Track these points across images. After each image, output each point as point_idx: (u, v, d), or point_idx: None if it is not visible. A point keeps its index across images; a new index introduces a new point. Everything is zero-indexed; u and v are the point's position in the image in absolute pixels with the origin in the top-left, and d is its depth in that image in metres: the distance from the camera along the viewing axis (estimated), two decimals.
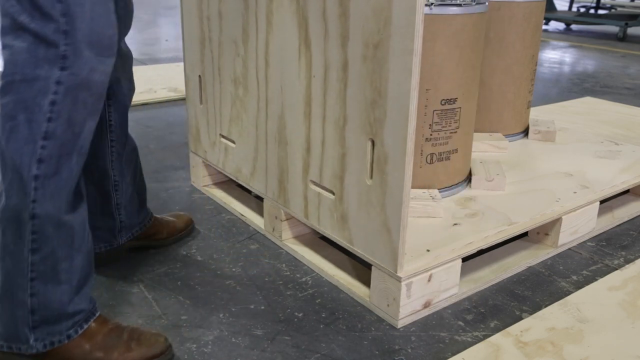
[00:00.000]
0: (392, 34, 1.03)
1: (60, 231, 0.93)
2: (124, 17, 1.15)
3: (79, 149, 0.93)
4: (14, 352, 0.94)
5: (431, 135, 1.43)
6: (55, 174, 0.90)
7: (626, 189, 1.64)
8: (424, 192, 1.42)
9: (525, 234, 1.48)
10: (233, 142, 1.58)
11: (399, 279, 1.13)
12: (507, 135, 1.88)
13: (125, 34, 1.19)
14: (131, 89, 1.25)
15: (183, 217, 1.50)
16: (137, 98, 2.77)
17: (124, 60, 1.22)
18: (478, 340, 1.12)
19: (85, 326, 0.98)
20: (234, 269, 1.35)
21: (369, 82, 1.10)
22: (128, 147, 1.28)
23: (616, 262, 1.44)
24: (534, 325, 1.14)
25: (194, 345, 1.09)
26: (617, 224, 1.63)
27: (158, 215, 1.46)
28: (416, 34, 0.99)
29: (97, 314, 1.01)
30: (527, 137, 1.96)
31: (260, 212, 1.60)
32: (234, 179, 1.64)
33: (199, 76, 1.66)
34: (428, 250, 1.21)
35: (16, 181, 0.88)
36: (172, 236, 1.44)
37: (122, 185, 1.27)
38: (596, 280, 1.33)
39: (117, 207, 1.28)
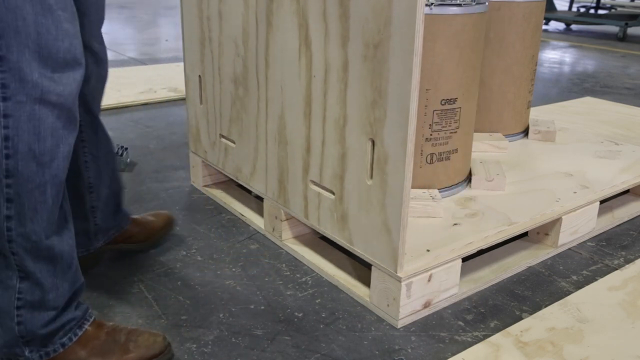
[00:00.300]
0: (393, 34, 1.03)
1: (44, 263, 0.90)
2: (89, 12, 1.05)
3: (52, 179, 0.86)
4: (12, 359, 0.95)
5: (431, 135, 1.43)
6: (28, 210, 0.85)
7: (626, 189, 1.64)
8: (424, 192, 1.42)
9: (525, 234, 1.48)
10: (233, 142, 1.58)
11: (399, 279, 1.13)
12: (507, 135, 1.88)
13: (96, 30, 1.09)
14: (101, 89, 1.18)
15: (162, 215, 1.45)
16: (137, 98, 2.77)
17: (96, 59, 1.13)
18: (478, 340, 1.12)
19: (80, 332, 0.98)
20: (234, 269, 1.35)
21: (369, 82, 1.10)
22: (103, 148, 1.22)
23: (616, 262, 1.44)
24: (534, 325, 1.14)
25: (194, 345, 1.09)
26: (617, 224, 1.64)
27: (137, 216, 1.42)
28: (416, 34, 0.99)
29: (92, 319, 1.01)
30: (527, 137, 1.96)
31: (260, 212, 1.60)
32: (234, 179, 1.64)
33: (199, 76, 1.66)
34: (428, 250, 1.21)
35: None
36: (152, 237, 1.40)
37: (97, 187, 1.23)
38: (596, 280, 1.33)
39: (92, 210, 1.24)
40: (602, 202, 1.57)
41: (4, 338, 0.93)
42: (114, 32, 5.01)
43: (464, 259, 1.24)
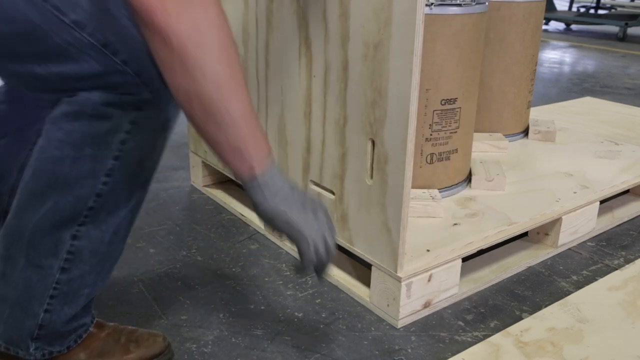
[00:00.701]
0: (393, 34, 1.03)
1: (96, 259, 0.90)
2: None
3: (143, 184, 0.88)
4: (11, 353, 0.94)
5: (431, 135, 1.43)
6: (111, 207, 0.85)
7: (626, 189, 1.64)
8: (424, 192, 1.42)
9: (525, 234, 1.48)
10: None
11: (399, 279, 1.13)
12: (507, 135, 1.88)
13: None
14: None
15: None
16: None
17: None
18: (478, 340, 1.12)
19: (84, 335, 0.97)
20: (234, 269, 1.35)
21: (370, 82, 1.10)
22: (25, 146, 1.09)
23: (616, 262, 1.44)
24: (534, 325, 1.14)
25: (194, 345, 1.09)
26: (617, 224, 1.64)
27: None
28: (416, 34, 0.99)
29: (95, 321, 1.00)
30: (527, 137, 1.96)
31: None
32: (234, 179, 1.64)
33: None
34: (428, 250, 1.21)
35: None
36: None
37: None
38: (596, 280, 1.33)
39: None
40: (602, 202, 1.57)
41: (12, 330, 0.92)
42: None
43: (464, 259, 1.24)
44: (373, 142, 1.13)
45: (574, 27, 6.76)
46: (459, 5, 1.36)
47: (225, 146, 0.74)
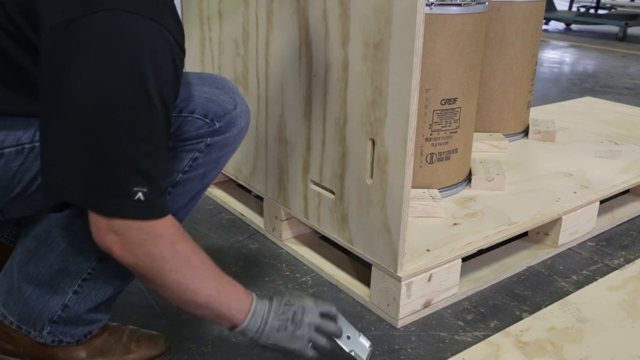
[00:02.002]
0: (393, 34, 1.03)
1: None
2: None
3: (199, 193, 0.97)
4: (22, 332, 0.93)
5: (431, 135, 1.43)
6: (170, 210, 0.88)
7: (626, 188, 1.64)
8: (424, 192, 1.42)
9: (525, 234, 1.48)
10: None
11: (399, 279, 1.13)
12: (507, 135, 1.88)
13: None
14: None
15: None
16: None
17: None
18: (478, 340, 1.12)
19: (93, 333, 0.98)
20: (234, 269, 1.35)
21: (370, 81, 1.10)
22: None
23: (616, 262, 1.44)
24: (534, 325, 1.14)
25: (194, 345, 1.08)
26: (617, 224, 1.63)
27: None
28: (417, 34, 0.99)
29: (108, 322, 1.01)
30: (527, 137, 1.96)
31: (260, 211, 1.60)
32: (234, 178, 1.64)
33: None
34: (428, 250, 1.21)
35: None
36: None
37: None
38: (596, 280, 1.33)
39: None
40: (602, 202, 1.57)
41: (32, 308, 0.92)
42: None
43: (464, 259, 1.24)
44: (373, 142, 1.13)
45: (574, 27, 6.76)
46: (459, 5, 1.36)
47: (207, 317, 0.88)
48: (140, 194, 0.74)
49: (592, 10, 7.19)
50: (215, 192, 1.73)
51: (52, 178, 0.75)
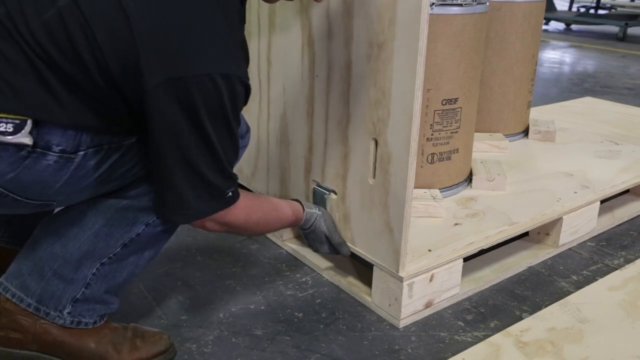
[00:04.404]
0: (397, 34, 1.03)
1: (157, 245, 1.00)
2: None
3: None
4: (40, 315, 0.95)
5: (432, 135, 1.43)
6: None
7: (626, 188, 1.64)
8: (425, 192, 1.42)
9: (526, 234, 1.48)
10: None
11: (400, 279, 1.13)
12: (507, 135, 1.88)
13: None
14: None
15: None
16: None
17: None
18: (478, 340, 1.12)
19: (105, 318, 1.00)
20: (234, 269, 1.35)
21: (373, 81, 1.10)
22: None
23: (616, 262, 1.44)
24: (534, 325, 1.14)
25: (194, 345, 1.08)
26: (617, 224, 1.64)
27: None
28: (421, 34, 0.99)
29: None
30: (527, 137, 1.96)
31: None
32: None
33: None
34: (429, 250, 1.21)
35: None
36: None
37: None
38: (596, 280, 1.33)
39: None
40: (602, 202, 1.57)
41: (54, 288, 0.94)
42: None
43: (465, 259, 1.24)
44: (376, 142, 1.13)
45: (574, 27, 6.77)
46: (460, 5, 1.36)
47: (282, 228, 1.23)
48: (230, 193, 0.95)
49: (592, 11, 7.19)
50: None
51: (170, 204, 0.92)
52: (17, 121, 0.79)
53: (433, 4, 1.34)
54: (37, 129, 0.81)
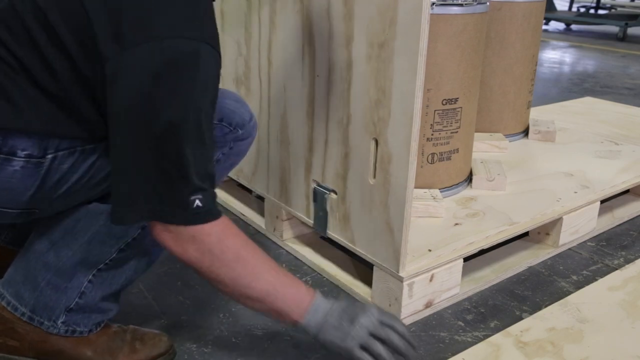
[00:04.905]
0: (398, 34, 1.03)
1: (155, 249, 0.97)
2: None
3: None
4: (33, 324, 0.94)
5: (432, 135, 1.43)
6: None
7: (626, 189, 1.64)
8: (425, 192, 1.42)
9: (526, 234, 1.48)
10: None
11: (401, 279, 1.13)
12: (507, 135, 1.88)
13: None
14: None
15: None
16: None
17: None
18: (478, 340, 1.12)
19: (102, 325, 0.99)
20: None
21: (374, 81, 1.10)
22: None
23: (616, 262, 1.44)
24: (534, 325, 1.14)
25: (194, 345, 1.09)
26: (617, 224, 1.64)
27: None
28: (422, 34, 0.99)
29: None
30: (527, 137, 1.97)
31: (261, 212, 1.60)
32: (235, 178, 1.64)
33: None
34: (430, 250, 1.21)
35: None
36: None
37: None
38: (596, 280, 1.33)
39: None
40: (602, 202, 1.57)
41: (48, 297, 0.92)
42: None
43: (465, 259, 1.24)
44: (376, 142, 1.13)
45: (574, 27, 6.77)
46: (461, 5, 1.36)
47: (267, 313, 0.92)
48: (197, 201, 0.81)
49: (592, 11, 7.19)
50: (216, 192, 1.73)
51: (120, 191, 0.82)
52: None
53: (433, 3, 1.34)
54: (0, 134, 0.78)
